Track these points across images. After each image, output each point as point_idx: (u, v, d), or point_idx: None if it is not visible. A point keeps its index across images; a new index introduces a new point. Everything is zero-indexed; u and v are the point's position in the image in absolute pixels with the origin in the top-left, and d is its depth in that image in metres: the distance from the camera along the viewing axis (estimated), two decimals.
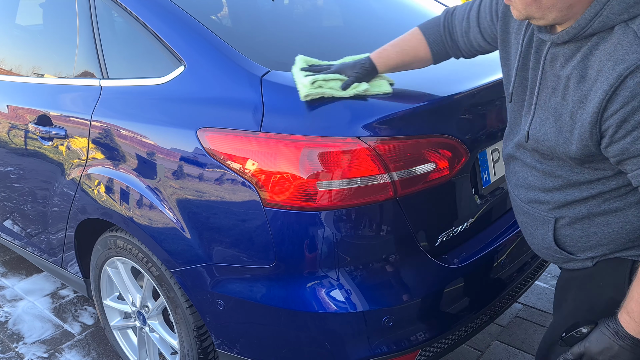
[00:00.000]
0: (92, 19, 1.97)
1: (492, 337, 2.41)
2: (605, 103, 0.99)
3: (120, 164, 1.82)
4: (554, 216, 1.22)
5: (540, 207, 1.25)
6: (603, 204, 1.15)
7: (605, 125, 1.01)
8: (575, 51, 1.06)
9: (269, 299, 1.55)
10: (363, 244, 1.50)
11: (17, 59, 2.41)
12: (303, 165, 1.43)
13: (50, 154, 2.11)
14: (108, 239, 2.01)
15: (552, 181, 1.20)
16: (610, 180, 1.12)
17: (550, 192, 1.21)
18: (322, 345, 1.54)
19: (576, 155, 1.09)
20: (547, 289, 2.75)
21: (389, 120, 1.45)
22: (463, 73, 1.78)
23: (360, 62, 1.54)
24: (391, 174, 1.45)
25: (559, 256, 1.28)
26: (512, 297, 1.93)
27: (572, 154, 1.09)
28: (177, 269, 1.71)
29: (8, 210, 2.55)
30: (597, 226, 1.18)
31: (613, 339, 1.10)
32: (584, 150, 1.07)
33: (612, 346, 1.11)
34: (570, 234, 1.22)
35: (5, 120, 2.31)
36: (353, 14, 2.35)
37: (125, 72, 1.89)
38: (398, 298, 1.53)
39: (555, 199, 1.20)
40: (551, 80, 1.12)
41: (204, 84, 1.62)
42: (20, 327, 2.60)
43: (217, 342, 1.74)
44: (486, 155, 1.75)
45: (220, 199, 1.56)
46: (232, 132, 1.51)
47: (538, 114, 1.15)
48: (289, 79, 1.55)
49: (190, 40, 1.68)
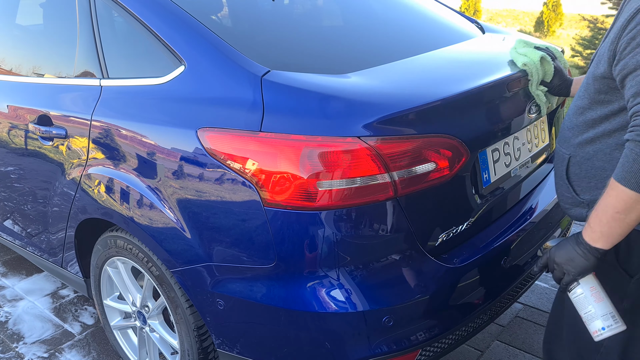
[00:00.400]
0: (93, 18, 1.97)
1: (492, 337, 2.41)
2: (622, 29, 1.21)
3: (121, 163, 1.82)
4: (569, 154, 1.43)
5: (562, 146, 1.47)
6: (602, 150, 1.35)
7: (619, 45, 1.23)
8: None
9: (269, 299, 1.55)
10: (363, 244, 1.50)
11: (17, 58, 2.41)
12: (303, 165, 1.43)
13: (51, 153, 2.11)
14: (108, 239, 2.01)
15: (576, 118, 1.41)
16: (614, 119, 1.31)
17: (572, 129, 1.43)
18: (322, 345, 1.54)
19: (603, 74, 1.28)
20: (548, 289, 2.75)
21: (390, 120, 1.45)
22: (463, 73, 1.78)
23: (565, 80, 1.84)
24: (391, 174, 1.45)
25: (568, 195, 1.47)
26: (513, 296, 1.93)
27: (599, 73, 1.29)
28: (177, 268, 1.71)
29: (8, 210, 2.55)
30: (595, 170, 1.37)
31: (572, 247, 1.31)
32: (607, 69, 1.27)
33: (569, 253, 1.32)
34: (578, 172, 1.42)
35: (6, 120, 2.31)
36: (353, 14, 2.35)
37: (125, 72, 1.89)
38: (398, 298, 1.53)
39: (573, 137, 1.42)
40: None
41: (204, 83, 1.62)
42: (21, 327, 2.60)
43: (218, 342, 1.74)
44: (486, 155, 1.75)
45: (220, 198, 1.56)
46: (233, 132, 1.51)
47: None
48: (289, 79, 1.55)
49: (191, 40, 1.68)
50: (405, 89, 1.61)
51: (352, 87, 1.57)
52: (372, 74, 1.69)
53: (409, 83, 1.68)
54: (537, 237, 1.98)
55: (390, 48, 2.02)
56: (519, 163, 1.90)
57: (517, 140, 1.88)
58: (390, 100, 1.51)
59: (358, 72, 1.68)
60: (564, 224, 2.19)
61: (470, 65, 1.91)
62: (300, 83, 1.54)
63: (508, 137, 1.81)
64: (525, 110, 1.83)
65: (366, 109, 1.47)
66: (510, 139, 1.84)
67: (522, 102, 1.82)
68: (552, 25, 10.93)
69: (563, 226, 2.18)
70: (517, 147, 1.88)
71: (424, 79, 1.74)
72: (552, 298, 2.67)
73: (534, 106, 1.87)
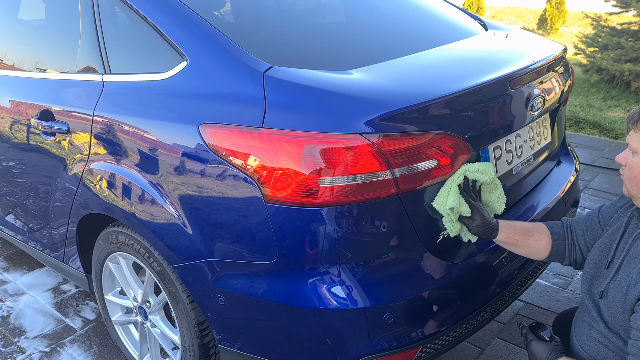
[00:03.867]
0: (95, 14, 1.97)
1: (492, 334, 2.41)
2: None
3: (123, 159, 1.82)
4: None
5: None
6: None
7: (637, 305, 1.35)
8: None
9: (270, 295, 1.56)
10: (364, 241, 1.50)
11: (19, 53, 2.41)
12: (305, 161, 1.43)
13: (53, 149, 2.11)
14: (110, 234, 2.02)
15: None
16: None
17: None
18: (323, 341, 1.54)
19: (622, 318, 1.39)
20: (548, 287, 2.75)
21: (391, 117, 1.45)
22: (466, 70, 1.78)
23: (489, 221, 1.63)
24: (393, 171, 1.45)
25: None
26: (513, 294, 1.93)
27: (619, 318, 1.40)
28: (178, 264, 1.72)
29: (10, 204, 2.56)
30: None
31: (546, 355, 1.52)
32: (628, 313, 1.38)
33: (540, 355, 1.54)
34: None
35: (8, 115, 2.31)
36: (356, 10, 2.34)
37: (127, 68, 1.89)
38: (399, 295, 1.53)
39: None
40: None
41: (206, 79, 1.62)
42: (22, 321, 2.61)
43: (219, 338, 1.75)
44: (488, 152, 1.75)
45: (222, 194, 1.56)
46: (234, 128, 1.51)
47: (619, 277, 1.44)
48: (291, 75, 1.55)
49: (193, 35, 1.68)
50: (408, 86, 1.61)
51: (354, 84, 1.57)
52: (374, 70, 1.69)
53: (411, 80, 1.68)
54: None
55: (392, 45, 2.02)
56: (521, 160, 1.90)
57: (519, 137, 1.88)
58: (392, 97, 1.51)
59: (360, 68, 1.68)
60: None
61: (472, 62, 1.90)
62: (302, 79, 1.54)
63: (510, 134, 1.81)
64: (527, 107, 1.82)
65: (368, 105, 1.46)
66: (512, 137, 1.84)
67: (524, 99, 1.81)
68: (555, 22, 10.90)
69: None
70: (519, 144, 1.88)
71: (426, 76, 1.74)
72: (552, 296, 2.67)
73: (537, 103, 1.86)
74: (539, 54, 1.97)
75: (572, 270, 2.89)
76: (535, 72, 1.85)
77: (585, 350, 1.51)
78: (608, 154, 4.54)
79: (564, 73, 2.15)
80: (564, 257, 1.67)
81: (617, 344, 1.42)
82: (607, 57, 6.58)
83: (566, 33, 10.97)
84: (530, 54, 1.94)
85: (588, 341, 1.50)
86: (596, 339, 1.48)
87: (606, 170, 4.22)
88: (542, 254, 1.66)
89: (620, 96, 6.26)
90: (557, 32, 10.87)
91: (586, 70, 6.96)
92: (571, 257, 1.66)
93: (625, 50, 6.43)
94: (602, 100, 6.16)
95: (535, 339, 1.59)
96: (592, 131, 5.22)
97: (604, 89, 6.53)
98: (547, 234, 1.66)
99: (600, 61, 6.62)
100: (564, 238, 1.66)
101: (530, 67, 1.82)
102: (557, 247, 1.66)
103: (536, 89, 1.86)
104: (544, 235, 1.66)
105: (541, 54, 1.96)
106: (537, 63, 1.86)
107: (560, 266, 2.91)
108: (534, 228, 1.67)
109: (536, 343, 1.58)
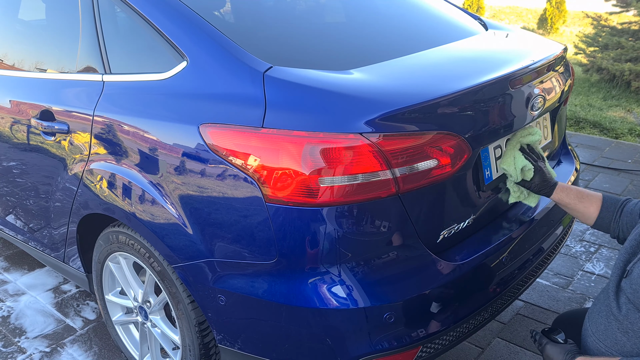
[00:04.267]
0: (95, 14, 1.97)
1: (493, 334, 2.42)
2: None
3: (123, 159, 1.82)
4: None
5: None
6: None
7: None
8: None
9: (271, 295, 1.56)
10: (365, 240, 1.50)
11: (19, 53, 2.41)
12: (305, 161, 1.43)
13: (53, 149, 2.11)
14: (110, 234, 2.02)
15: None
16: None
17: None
18: (323, 341, 1.54)
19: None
20: (549, 286, 2.75)
21: (392, 117, 1.45)
22: (466, 70, 1.78)
23: (548, 178, 1.83)
24: (393, 170, 1.45)
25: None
26: (514, 294, 1.93)
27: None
28: (179, 264, 1.72)
29: (11, 205, 2.56)
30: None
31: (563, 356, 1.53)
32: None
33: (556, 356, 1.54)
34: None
35: (8, 115, 2.31)
36: (356, 10, 2.34)
37: (127, 68, 1.89)
38: (399, 294, 1.53)
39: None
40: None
41: (206, 79, 1.62)
42: (23, 321, 2.61)
43: (219, 338, 1.75)
44: (488, 152, 1.75)
45: (222, 194, 1.56)
46: (235, 128, 1.51)
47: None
48: (291, 75, 1.55)
49: (193, 35, 1.68)
50: (408, 85, 1.61)
51: (354, 84, 1.57)
52: (374, 70, 1.69)
53: (412, 80, 1.68)
54: (539, 234, 1.97)
55: (392, 44, 2.02)
56: None
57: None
58: (392, 97, 1.51)
59: (360, 68, 1.68)
60: (565, 222, 2.18)
61: (472, 62, 1.90)
62: (303, 79, 1.54)
63: (510, 134, 1.81)
64: (528, 107, 1.82)
65: (368, 105, 1.46)
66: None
67: (525, 99, 1.81)
68: (555, 22, 10.89)
69: (564, 224, 2.18)
70: None
71: (426, 75, 1.74)
72: (553, 296, 2.67)
73: (537, 103, 1.86)
74: (539, 53, 1.96)
75: (572, 270, 2.89)
76: (536, 72, 1.85)
77: (602, 341, 1.50)
78: (608, 154, 4.54)
79: (564, 73, 2.15)
80: (609, 229, 1.74)
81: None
82: (607, 56, 6.57)
83: (566, 33, 10.96)
84: (531, 54, 1.94)
85: (606, 331, 1.49)
86: (615, 328, 1.47)
87: (606, 170, 4.21)
88: (589, 220, 1.77)
89: (621, 96, 6.26)
90: (558, 32, 10.87)
91: (586, 69, 6.95)
92: (615, 232, 1.73)
93: (625, 50, 6.43)
94: (602, 100, 6.16)
95: (549, 342, 1.59)
96: (592, 131, 5.22)
97: (604, 88, 6.53)
98: (598, 205, 1.74)
99: (600, 61, 6.62)
100: (612, 213, 1.72)
101: (531, 67, 1.82)
102: (602, 219, 1.74)
103: (536, 89, 1.85)
104: (594, 204, 1.75)
105: (541, 54, 1.96)
106: (538, 63, 1.86)
107: (561, 266, 2.91)
108: (588, 196, 1.77)
109: (551, 346, 1.58)
